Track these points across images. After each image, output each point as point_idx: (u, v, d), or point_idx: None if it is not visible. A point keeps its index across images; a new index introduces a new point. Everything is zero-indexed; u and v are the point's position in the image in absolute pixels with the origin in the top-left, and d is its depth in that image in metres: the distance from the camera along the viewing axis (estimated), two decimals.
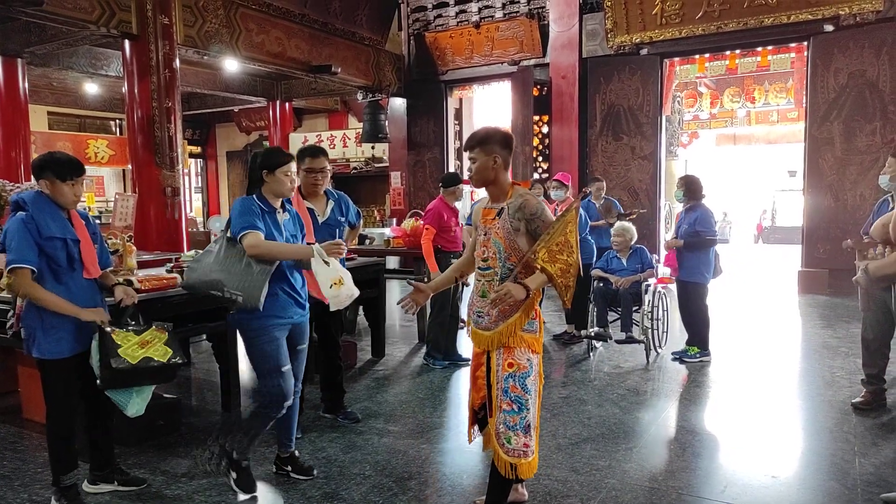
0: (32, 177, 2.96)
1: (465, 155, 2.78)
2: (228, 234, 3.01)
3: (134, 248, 4.36)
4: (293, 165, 3.13)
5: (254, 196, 3.08)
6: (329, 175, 3.99)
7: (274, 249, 2.98)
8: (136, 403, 2.98)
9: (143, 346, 2.95)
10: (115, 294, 3.10)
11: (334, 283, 3.05)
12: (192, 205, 16.69)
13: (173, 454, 3.67)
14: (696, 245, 5.36)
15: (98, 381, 2.89)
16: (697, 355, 5.50)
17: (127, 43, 6.86)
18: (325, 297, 3.12)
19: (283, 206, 3.16)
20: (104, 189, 15.42)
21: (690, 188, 5.51)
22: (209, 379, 5.19)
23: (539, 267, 2.54)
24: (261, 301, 2.92)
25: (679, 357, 5.55)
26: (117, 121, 15.04)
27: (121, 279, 3.75)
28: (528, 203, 2.64)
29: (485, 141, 2.69)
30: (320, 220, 3.90)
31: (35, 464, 3.60)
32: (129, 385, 2.95)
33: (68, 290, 2.89)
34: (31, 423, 4.16)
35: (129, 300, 3.09)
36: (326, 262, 3.06)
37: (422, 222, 5.96)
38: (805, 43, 8.86)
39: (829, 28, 8.41)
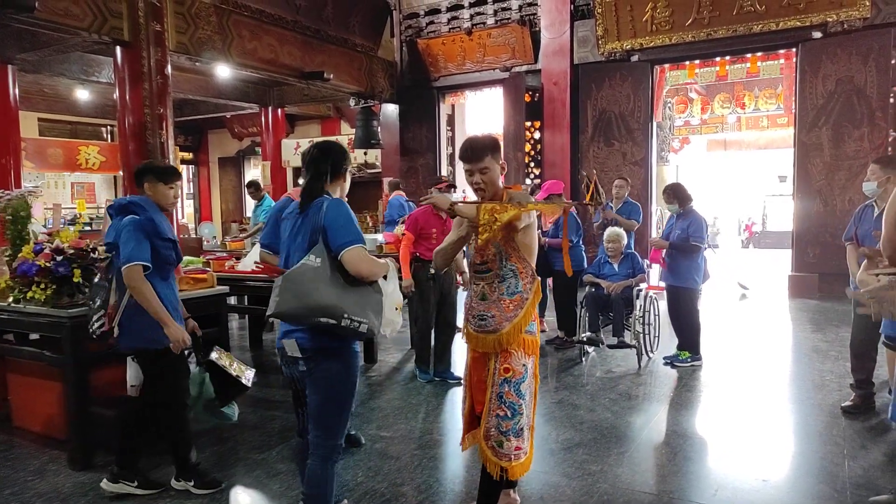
0: (135, 183, 3.29)
1: (470, 166, 2.64)
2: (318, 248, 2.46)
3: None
4: None
5: None
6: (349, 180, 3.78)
7: (374, 266, 2.49)
8: (236, 411, 3.52)
9: (231, 365, 3.37)
10: (188, 326, 3.34)
11: (398, 306, 2.61)
12: (184, 211, 16.63)
13: (165, 461, 3.63)
14: (682, 249, 5.40)
15: (217, 400, 3.28)
16: (689, 360, 5.53)
17: (119, 49, 6.83)
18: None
19: None
20: (95, 196, 15.36)
21: (680, 196, 5.55)
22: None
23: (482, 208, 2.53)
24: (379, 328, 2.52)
25: (670, 362, 5.58)
26: (109, 127, 15.00)
27: None
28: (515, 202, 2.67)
29: (494, 148, 2.66)
30: None
31: (26, 472, 3.59)
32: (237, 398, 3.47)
33: (170, 287, 3.24)
34: (22, 431, 4.14)
35: (199, 331, 3.40)
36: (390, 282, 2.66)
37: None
38: (794, 49, 8.95)
39: (817, 35, 8.50)
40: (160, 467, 3.58)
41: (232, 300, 5.98)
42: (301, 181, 3.63)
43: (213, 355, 3.33)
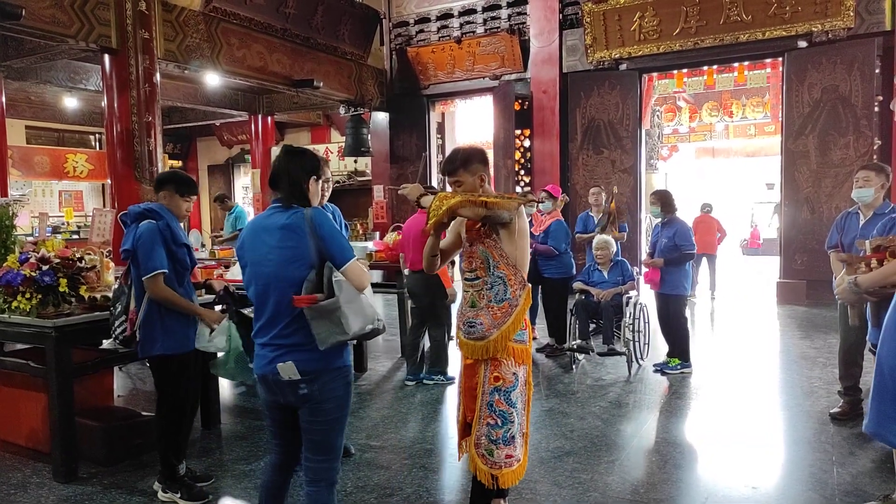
0: (154, 189, 3.39)
1: (446, 178, 2.74)
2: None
3: (112, 263, 4.31)
4: None
5: None
6: (331, 187, 3.69)
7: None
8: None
9: None
10: (216, 286, 3.42)
11: None
12: None
13: (151, 473, 3.59)
14: (676, 261, 5.42)
15: (245, 352, 2.99)
16: (678, 367, 5.53)
17: (106, 57, 6.80)
18: None
19: None
20: (83, 204, 15.24)
21: (667, 202, 5.58)
22: None
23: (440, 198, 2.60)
24: None
25: (660, 369, 5.58)
26: (97, 135, 14.89)
27: (98, 296, 3.73)
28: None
29: (467, 161, 2.69)
30: None
31: (9, 485, 3.53)
32: None
33: (186, 290, 3.29)
34: (4, 443, 4.07)
35: (229, 286, 3.36)
36: None
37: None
38: (780, 59, 9.04)
39: (802, 44, 8.58)
40: (146, 479, 3.54)
41: None
42: None
43: (246, 310, 3.22)
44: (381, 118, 11.80)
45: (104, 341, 3.94)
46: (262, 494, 2.49)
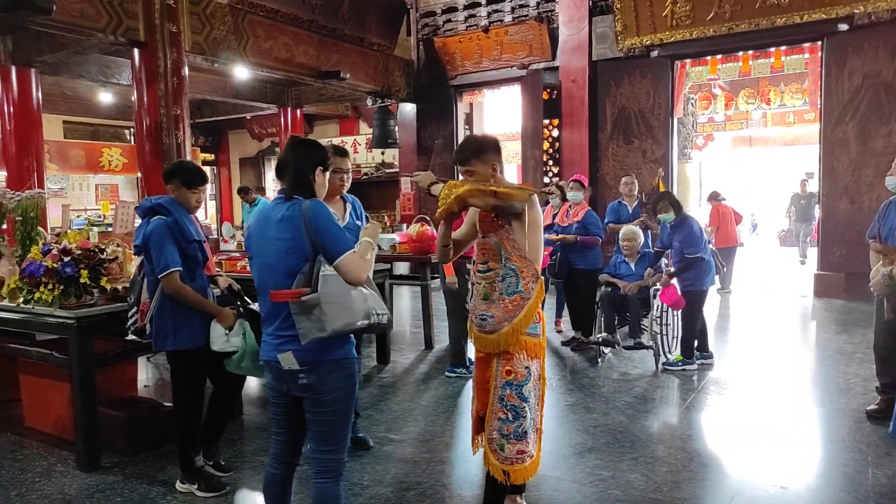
0: (164, 182, 3.33)
1: (458, 167, 2.68)
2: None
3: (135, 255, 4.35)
4: None
5: None
6: (350, 178, 3.68)
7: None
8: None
9: None
10: (221, 283, 3.41)
11: None
12: (207, 211, 16.76)
13: (172, 463, 3.61)
14: (688, 267, 5.25)
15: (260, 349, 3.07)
16: (680, 363, 5.38)
17: (135, 51, 6.88)
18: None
19: None
20: (119, 197, 15.54)
21: (677, 204, 5.37)
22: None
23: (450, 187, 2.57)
24: None
25: (682, 366, 5.40)
26: (131, 129, 15.14)
27: (120, 287, 3.76)
28: None
29: (480, 151, 2.63)
30: (341, 225, 3.60)
31: (34, 473, 3.60)
32: None
33: (198, 286, 3.24)
34: (33, 431, 4.16)
35: (236, 285, 3.41)
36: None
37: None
38: (819, 43, 8.71)
39: (843, 27, 8.25)
40: (167, 469, 3.57)
41: None
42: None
43: (255, 305, 3.24)
44: (408, 109, 11.74)
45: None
46: (266, 488, 2.49)
